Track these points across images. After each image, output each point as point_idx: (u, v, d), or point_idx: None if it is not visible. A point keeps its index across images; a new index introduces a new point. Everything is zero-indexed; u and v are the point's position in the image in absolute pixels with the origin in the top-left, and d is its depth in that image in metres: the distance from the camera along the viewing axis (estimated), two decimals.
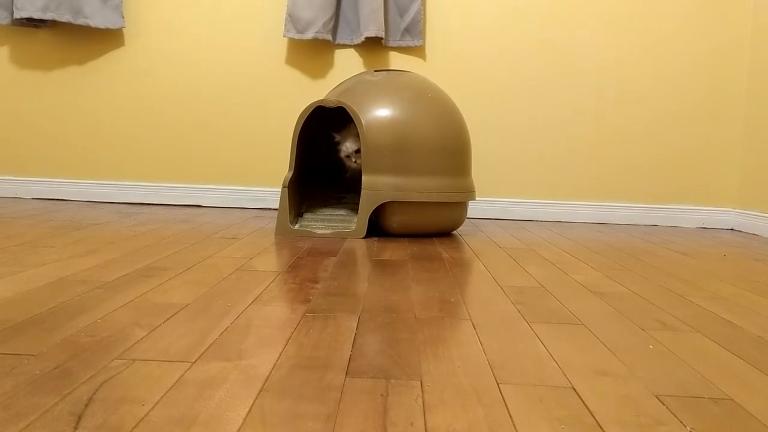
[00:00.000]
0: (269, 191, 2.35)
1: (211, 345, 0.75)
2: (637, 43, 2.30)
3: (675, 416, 0.60)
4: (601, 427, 0.57)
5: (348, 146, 1.80)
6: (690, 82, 2.31)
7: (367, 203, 1.70)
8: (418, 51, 2.31)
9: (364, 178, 1.70)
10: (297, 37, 2.20)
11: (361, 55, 2.32)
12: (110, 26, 2.26)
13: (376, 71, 1.88)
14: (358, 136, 1.75)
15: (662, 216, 2.35)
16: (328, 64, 2.32)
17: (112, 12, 2.26)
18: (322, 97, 1.87)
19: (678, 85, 2.31)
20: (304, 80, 2.33)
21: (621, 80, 2.31)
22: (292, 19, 2.20)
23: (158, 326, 0.81)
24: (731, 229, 2.31)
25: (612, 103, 2.32)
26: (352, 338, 0.79)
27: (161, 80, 2.34)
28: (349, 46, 2.31)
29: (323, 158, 1.97)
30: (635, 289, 1.18)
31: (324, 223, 1.79)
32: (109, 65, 2.35)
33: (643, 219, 2.35)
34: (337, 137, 1.83)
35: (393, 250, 1.52)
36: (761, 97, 2.22)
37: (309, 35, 2.19)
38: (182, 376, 0.65)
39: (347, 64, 2.32)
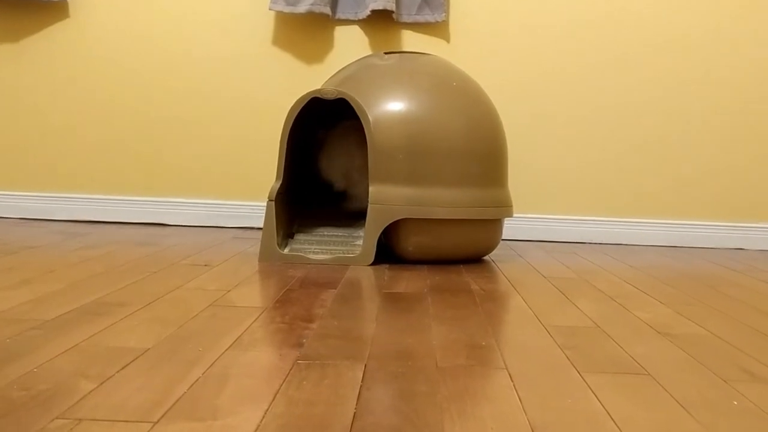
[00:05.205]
0: (252, 206, 2.36)
1: (177, 400, 0.75)
2: (726, 13, 2.30)
3: None
4: None
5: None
6: None
7: (376, 221, 1.71)
8: (439, 28, 2.33)
9: (371, 189, 1.71)
10: (287, 10, 2.22)
11: (367, 34, 2.34)
12: None
13: (386, 54, 1.90)
14: (355, 153, 1.77)
15: (750, 237, 2.34)
16: (327, 45, 2.34)
17: None
18: (319, 87, 1.88)
19: None
20: (295, 65, 2.34)
21: (706, 62, 2.31)
22: None
23: (111, 377, 0.82)
24: None
25: (693, 88, 2.32)
26: (357, 392, 0.80)
27: (115, 65, 2.36)
28: (353, 22, 2.33)
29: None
30: (714, 330, 1.18)
31: (321, 246, 1.80)
32: (49, 44, 2.35)
33: (725, 241, 2.34)
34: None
35: (408, 281, 1.53)
36: None
37: (302, 8, 2.21)
38: None
39: (350, 44, 2.34)
